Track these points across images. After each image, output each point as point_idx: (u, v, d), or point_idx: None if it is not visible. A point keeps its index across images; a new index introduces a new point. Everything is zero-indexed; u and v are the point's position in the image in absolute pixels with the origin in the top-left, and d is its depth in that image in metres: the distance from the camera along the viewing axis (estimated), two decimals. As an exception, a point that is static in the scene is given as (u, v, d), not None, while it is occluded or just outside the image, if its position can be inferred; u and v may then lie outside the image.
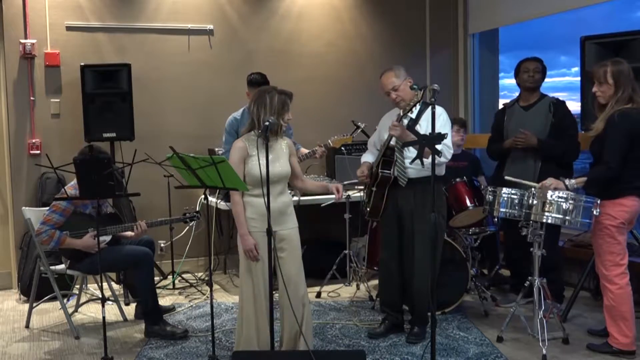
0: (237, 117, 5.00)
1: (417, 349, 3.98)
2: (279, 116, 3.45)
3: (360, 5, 6.44)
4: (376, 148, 4.28)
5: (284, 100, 3.48)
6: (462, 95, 6.76)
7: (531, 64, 4.61)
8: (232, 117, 5.04)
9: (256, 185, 3.42)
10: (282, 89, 3.55)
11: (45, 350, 4.12)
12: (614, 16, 5.65)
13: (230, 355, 3.71)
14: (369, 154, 4.32)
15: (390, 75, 4.04)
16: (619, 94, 3.70)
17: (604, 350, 3.84)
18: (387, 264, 4.17)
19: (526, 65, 4.63)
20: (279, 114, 3.45)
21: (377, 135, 4.30)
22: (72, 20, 5.56)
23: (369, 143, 4.39)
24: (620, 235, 3.74)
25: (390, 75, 4.04)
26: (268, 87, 3.61)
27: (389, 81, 4.02)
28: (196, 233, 5.84)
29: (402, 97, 4.01)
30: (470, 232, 4.78)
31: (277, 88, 3.53)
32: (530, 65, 4.61)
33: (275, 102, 3.45)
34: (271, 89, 3.52)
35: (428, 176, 3.93)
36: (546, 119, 4.52)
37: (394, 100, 4.03)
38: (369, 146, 4.37)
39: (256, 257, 3.45)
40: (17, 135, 5.47)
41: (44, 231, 4.13)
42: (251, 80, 4.95)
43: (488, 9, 6.44)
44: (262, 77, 4.94)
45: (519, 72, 4.68)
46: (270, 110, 3.42)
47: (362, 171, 4.18)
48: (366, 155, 4.32)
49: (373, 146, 4.31)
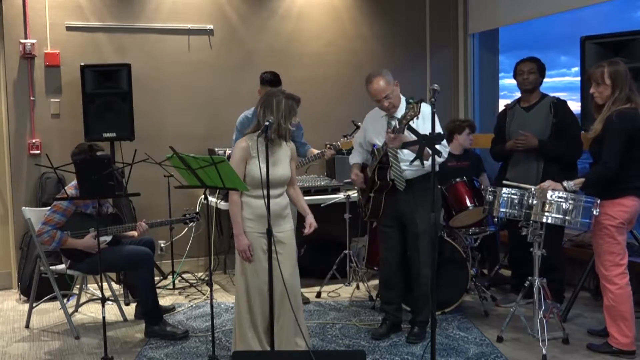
0: (249, 115, 4.89)
1: (417, 349, 3.98)
2: (286, 120, 3.44)
3: (360, 5, 6.44)
4: (362, 147, 4.25)
5: (292, 105, 3.48)
6: (462, 95, 6.76)
7: (525, 66, 4.59)
8: (244, 116, 4.92)
9: (255, 186, 3.42)
10: (291, 93, 3.53)
11: (45, 350, 4.12)
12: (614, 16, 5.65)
13: (230, 355, 3.71)
14: (356, 155, 4.27)
15: (380, 80, 3.87)
16: (615, 94, 3.71)
17: (604, 350, 3.85)
18: (389, 263, 4.16)
19: (520, 67, 4.60)
20: (286, 118, 3.44)
21: (362, 134, 4.24)
22: (72, 20, 5.56)
23: (354, 142, 4.34)
24: (620, 235, 3.74)
25: (380, 81, 3.88)
26: (276, 91, 3.59)
27: (381, 89, 3.88)
28: (196, 233, 5.84)
29: (394, 103, 3.95)
30: (470, 232, 4.78)
31: (285, 92, 3.53)
32: (524, 67, 4.58)
33: (282, 107, 3.44)
34: (279, 93, 3.51)
35: (424, 174, 3.96)
36: (547, 119, 4.51)
37: (387, 107, 3.95)
38: (355, 145, 4.32)
39: (249, 258, 3.45)
40: (17, 135, 5.47)
41: (45, 231, 4.12)
42: (263, 78, 4.90)
43: (488, 9, 6.44)
44: (274, 76, 4.88)
45: (515, 74, 4.66)
46: (277, 115, 3.42)
47: (356, 174, 4.14)
48: (354, 156, 4.27)
49: (359, 146, 4.26)
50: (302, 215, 3.71)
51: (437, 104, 3.20)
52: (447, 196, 4.68)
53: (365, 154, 4.25)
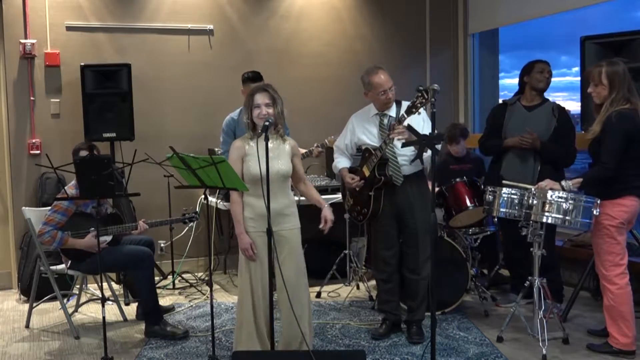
0: (235, 117, 4.98)
1: (417, 349, 3.98)
2: (247, 113, 3.48)
3: (360, 5, 6.44)
4: (347, 151, 4.23)
5: (248, 96, 3.50)
6: (462, 95, 6.76)
7: (546, 66, 4.58)
8: (230, 117, 5.02)
9: (253, 183, 3.41)
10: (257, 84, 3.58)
11: (45, 350, 4.12)
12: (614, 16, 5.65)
13: (230, 355, 3.71)
14: (343, 159, 4.23)
15: (386, 73, 3.99)
16: (613, 94, 3.70)
17: (604, 350, 3.84)
18: (388, 262, 4.14)
19: (541, 66, 4.56)
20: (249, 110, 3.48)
21: (347, 137, 4.20)
22: (72, 20, 5.56)
23: (339, 147, 4.27)
24: (620, 235, 3.74)
25: (386, 73, 3.99)
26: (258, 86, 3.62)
27: (388, 78, 3.97)
28: (196, 233, 5.84)
29: (393, 98, 4.01)
30: (470, 232, 4.78)
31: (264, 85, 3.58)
32: (545, 67, 4.57)
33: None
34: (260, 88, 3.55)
35: (420, 169, 4.04)
36: (550, 122, 4.50)
37: (389, 100, 3.99)
38: (341, 150, 4.25)
39: (252, 256, 3.45)
40: (17, 135, 5.47)
41: (46, 231, 4.12)
42: (245, 77, 4.93)
43: (488, 9, 6.45)
44: (255, 73, 4.92)
45: (531, 71, 4.58)
46: (245, 109, 3.50)
47: (352, 177, 4.09)
48: (341, 162, 4.23)
49: (346, 149, 4.23)
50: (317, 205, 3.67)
51: (437, 104, 3.20)
52: (447, 196, 4.68)
53: (349, 157, 4.25)
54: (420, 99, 3.60)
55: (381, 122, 4.04)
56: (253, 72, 4.92)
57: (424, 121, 3.94)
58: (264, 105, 3.42)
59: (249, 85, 4.73)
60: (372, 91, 4.02)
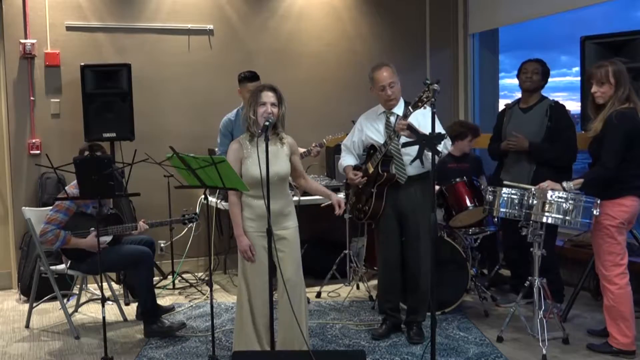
0: (232, 117, 4.96)
1: (417, 349, 3.98)
2: (252, 110, 3.45)
3: (360, 5, 6.44)
4: (354, 150, 4.22)
5: (255, 92, 3.48)
6: (462, 95, 6.76)
7: (530, 66, 4.61)
8: (227, 118, 4.99)
9: (252, 186, 3.41)
10: (264, 83, 3.55)
11: (45, 350, 4.12)
12: (614, 16, 5.65)
13: (230, 355, 3.71)
14: (348, 157, 4.24)
15: (388, 68, 3.99)
16: (618, 93, 3.70)
17: (604, 350, 3.84)
18: (389, 263, 4.15)
19: (525, 66, 4.63)
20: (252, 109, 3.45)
21: (357, 136, 4.20)
22: (72, 20, 5.56)
23: (347, 145, 4.27)
24: (620, 235, 3.74)
25: (388, 68, 3.98)
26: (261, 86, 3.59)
27: (389, 74, 3.96)
28: (196, 233, 5.84)
29: (396, 95, 4.00)
30: (470, 232, 4.78)
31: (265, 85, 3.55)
32: (529, 67, 4.61)
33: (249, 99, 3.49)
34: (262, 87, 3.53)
35: (425, 172, 3.99)
36: (542, 122, 4.52)
37: (389, 96, 3.98)
38: (349, 148, 4.25)
39: (251, 257, 3.45)
40: (17, 135, 5.47)
41: (49, 230, 4.12)
42: (242, 77, 4.92)
43: (488, 9, 6.44)
44: (251, 73, 4.91)
45: (519, 72, 4.69)
46: (248, 107, 3.47)
47: (355, 173, 4.10)
48: (347, 159, 4.23)
49: (352, 148, 4.23)
50: (326, 198, 3.68)
51: (437, 104, 3.20)
52: (447, 196, 4.68)
53: (356, 157, 4.25)
54: (427, 93, 3.57)
55: (387, 120, 4.04)
56: (250, 72, 4.91)
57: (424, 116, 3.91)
58: (270, 104, 3.42)
59: (246, 85, 4.74)
60: (374, 87, 4.04)
